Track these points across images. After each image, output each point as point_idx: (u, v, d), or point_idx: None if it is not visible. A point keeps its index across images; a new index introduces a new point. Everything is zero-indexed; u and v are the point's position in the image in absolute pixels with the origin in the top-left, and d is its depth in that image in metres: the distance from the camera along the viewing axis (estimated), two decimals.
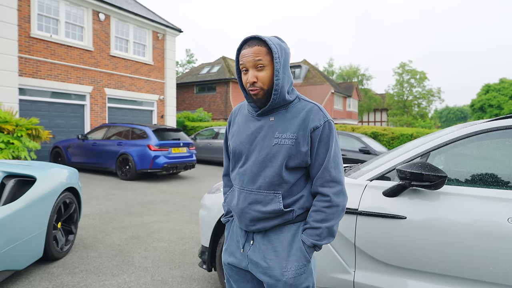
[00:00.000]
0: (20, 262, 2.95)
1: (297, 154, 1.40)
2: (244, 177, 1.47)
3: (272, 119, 1.45)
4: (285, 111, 1.46)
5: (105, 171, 10.23)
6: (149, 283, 3.12)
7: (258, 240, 1.47)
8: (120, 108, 14.52)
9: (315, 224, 1.40)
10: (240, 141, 1.50)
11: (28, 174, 3.30)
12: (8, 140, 8.05)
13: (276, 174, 1.40)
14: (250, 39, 1.42)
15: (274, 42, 1.40)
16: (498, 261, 1.91)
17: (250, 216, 1.44)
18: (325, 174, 1.42)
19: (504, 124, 2.15)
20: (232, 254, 1.55)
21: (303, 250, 1.42)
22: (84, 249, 3.95)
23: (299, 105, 1.47)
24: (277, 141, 1.41)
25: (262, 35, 1.41)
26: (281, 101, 1.43)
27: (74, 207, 3.90)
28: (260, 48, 1.39)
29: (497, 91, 38.24)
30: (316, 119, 1.42)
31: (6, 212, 2.76)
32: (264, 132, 1.45)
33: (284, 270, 1.39)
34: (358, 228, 2.25)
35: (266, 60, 1.39)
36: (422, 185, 2.04)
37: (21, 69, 10.91)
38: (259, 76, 1.40)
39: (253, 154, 1.45)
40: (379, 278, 2.21)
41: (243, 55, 1.42)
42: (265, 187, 1.42)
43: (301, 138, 1.40)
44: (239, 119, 1.58)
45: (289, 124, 1.43)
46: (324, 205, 1.41)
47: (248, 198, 1.44)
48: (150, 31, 15.49)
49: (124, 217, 5.46)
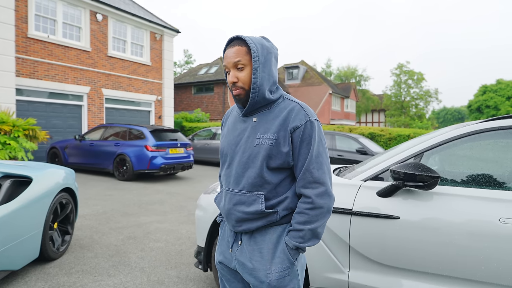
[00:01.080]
0: (16, 263, 2.95)
1: (277, 154, 1.38)
2: (229, 178, 1.48)
3: (254, 119, 1.45)
4: (268, 111, 1.45)
5: (102, 171, 10.22)
6: (145, 284, 3.13)
7: (245, 241, 1.47)
8: (118, 108, 14.50)
9: (298, 226, 1.38)
10: (227, 143, 1.51)
11: (24, 175, 3.30)
12: (5, 140, 8.04)
13: (257, 175, 1.39)
14: (233, 40, 1.42)
15: (254, 41, 1.38)
16: (490, 261, 1.93)
17: (235, 217, 1.45)
18: (307, 175, 1.39)
19: (497, 125, 2.17)
20: (222, 254, 1.56)
21: (287, 252, 1.40)
22: (81, 249, 3.95)
23: (282, 104, 1.45)
24: (259, 142, 1.40)
25: (243, 35, 1.40)
26: (261, 101, 1.42)
27: (71, 207, 3.91)
28: (240, 48, 1.38)
29: (494, 92, 38.39)
30: (297, 119, 1.39)
31: (2, 212, 2.76)
32: (247, 133, 1.44)
33: (268, 272, 1.38)
34: (352, 228, 2.26)
35: (245, 60, 1.38)
36: (415, 186, 2.06)
37: (18, 69, 10.89)
38: (239, 76, 1.39)
39: (237, 155, 1.45)
40: (373, 277, 2.23)
41: (225, 56, 1.42)
42: (248, 188, 1.42)
43: (282, 139, 1.38)
44: (229, 121, 1.59)
45: (270, 124, 1.41)
46: (307, 207, 1.38)
47: (233, 199, 1.45)
48: (148, 31, 15.48)
49: (121, 217, 5.46)
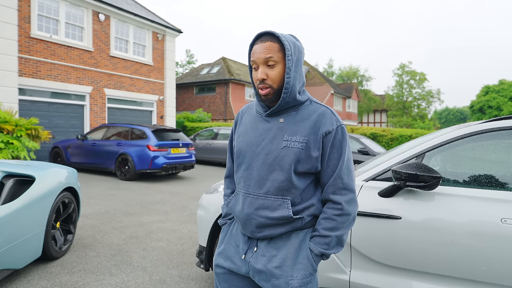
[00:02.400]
0: (19, 261, 2.96)
1: (306, 158, 1.33)
2: (250, 181, 1.38)
3: (281, 120, 1.37)
4: (295, 113, 1.38)
5: (104, 171, 10.24)
6: (147, 283, 3.13)
7: (263, 247, 1.38)
8: (120, 108, 14.54)
9: (325, 232, 1.33)
10: (247, 142, 1.41)
11: (27, 174, 3.31)
12: (7, 140, 8.07)
13: (285, 179, 1.32)
14: (263, 35, 1.34)
15: (287, 39, 1.33)
16: (491, 261, 1.93)
17: (257, 222, 1.35)
18: (338, 182, 1.34)
19: (500, 125, 2.17)
20: (229, 259, 1.45)
21: (310, 258, 1.34)
22: (83, 248, 3.97)
23: (311, 107, 1.39)
24: (286, 144, 1.33)
25: (275, 31, 1.33)
26: (291, 101, 1.35)
27: (73, 207, 3.92)
28: (272, 44, 1.31)
29: (497, 93, 38.30)
30: (329, 123, 1.34)
31: (5, 211, 2.77)
32: (272, 134, 1.36)
33: (290, 278, 1.31)
34: (354, 228, 2.26)
35: (277, 57, 1.31)
36: (417, 186, 2.06)
37: (21, 69, 10.92)
38: (269, 74, 1.32)
39: (260, 156, 1.37)
40: (375, 277, 2.23)
41: (254, 51, 1.34)
42: (273, 192, 1.34)
43: (312, 143, 1.33)
44: (246, 119, 1.50)
45: (299, 126, 1.35)
46: (336, 213, 1.34)
47: (255, 203, 1.36)
48: (150, 31, 15.51)
49: (123, 217, 5.48)
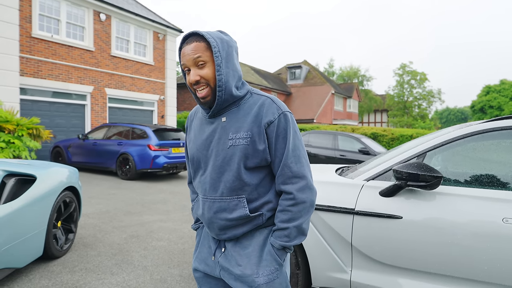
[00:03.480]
0: (20, 260, 2.97)
1: (254, 153, 1.30)
2: (205, 185, 1.37)
3: (224, 119, 1.34)
4: (236, 109, 1.34)
5: (106, 170, 10.25)
6: (148, 282, 3.14)
7: (230, 247, 1.38)
8: (121, 108, 14.55)
9: (282, 224, 1.30)
10: (197, 148, 1.40)
11: (28, 173, 3.32)
12: (9, 139, 8.08)
13: (235, 178, 1.30)
14: (188, 36, 1.31)
15: (213, 36, 1.29)
16: (493, 261, 1.93)
17: (218, 225, 1.35)
18: (286, 171, 1.31)
19: (501, 125, 2.16)
20: (204, 261, 1.45)
21: (273, 253, 1.32)
22: (84, 247, 3.97)
23: (251, 100, 1.35)
24: (232, 143, 1.30)
25: (200, 30, 1.29)
26: (229, 98, 1.31)
27: (74, 206, 3.92)
28: (199, 44, 1.28)
29: (498, 92, 38.24)
30: (270, 113, 1.30)
31: (7, 210, 2.78)
32: (218, 135, 1.34)
33: (256, 276, 1.30)
34: (355, 227, 2.26)
35: (206, 56, 1.27)
36: (418, 185, 2.06)
37: (22, 69, 10.94)
38: (202, 74, 1.28)
39: (211, 159, 1.35)
40: (376, 277, 2.23)
41: (183, 54, 1.30)
42: (227, 193, 1.32)
43: (256, 136, 1.29)
44: (195, 124, 1.47)
45: (241, 122, 1.31)
46: (289, 203, 1.30)
47: (213, 207, 1.35)
48: (151, 31, 15.51)
49: (124, 216, 5.48)
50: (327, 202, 2.37)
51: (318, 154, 10.95)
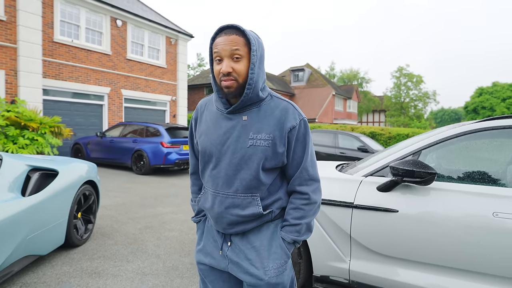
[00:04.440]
0: (44, 248, 3.01)
1: (273, 155, 1.26)
2: (218, 180, 1.30)
3: (245, 118, 1.27)
4: (257, 109, 1.28)
5: (122, 166, 10.31)
6: (161, 269, 3.16)
7: (237, 241, 1.34)
8: (136, 108, 14.61)
9: (295, 221, 1.30)
10: (211, 142, 1.31)
11: (51, 168, 3.35)
12: (33, 137, 8.17)
13: (253, 177, 1.26)
14: (227, 28, 1.22)
15: (252, 35, 1.23)
16: (483, 252, 1.92)
17: (228, 220, 1.30)
18: (304, 174, 1.31)
19: (492, 125, 2.15)
20: (209, 255, 1.40)
21: (283, 247, 1.31)
22: (102, 237, 4.01)
23: (272, 103, 1.30)
24: (252, 142, 1.25)
25: (240, 25, 1.22)
26: (254, 97, 1.26)
27: (93, 198, 3.96)
28: (238, 38, 1.20)
29: (490, 94, 37.77)
30: (292, 118, 1.27)
31: (31, 202, 2.81)
32: (237, 133, 1.27)
33: (266, 269, 1.28)
34: (354, 220, 2.27)
35: (243, 51, 1.20)
36: (413, 181, 2.05)
37: (45, 71, 11.03)
38: (235, 67, 1.20)
39: (226, 156, 1.28)
40: (373, 266, 2.23)
41: (218, 43, 1.21)
42: (242, 190, 1.27)
43: (278, 139, 1.26)
44: (207, 116, 1.38)
45: (263, 123, 1.26)
46: (303, 203, 1.31)
47: (225, 202, 1.29)
48: (164, 36, 15.54)
49: (139, 208, 5.52)
50: (328, 197, 2.38)
51: (319, 151, 10.92)
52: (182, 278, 3.00)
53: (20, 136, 8.07)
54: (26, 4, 9.79)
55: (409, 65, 43.31)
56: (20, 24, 9.71)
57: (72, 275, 2.97)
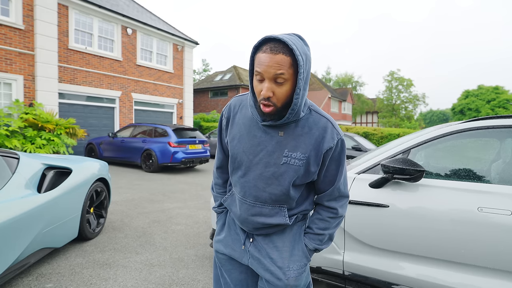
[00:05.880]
0: (59, 241, 3.01)
1: (305, 174, 1.17)
2: (246, 188, 1.21)
3: (281, 134, 1.14)
4: (294, 125, 1.14)
5: (132, 164, 10.32)
6: (168, 260, 3.16)
7: (260, 239, 1.28)
8: (145, 110, 14.61)
9: (319, 231, 1.25)
10: (243, 149, 1.19)
11: (65, 166, 3.35)
12: (49, 137, 8.18)
13: (283, 193, 1.17)
14: (272, 40, 1.01)
15: (300, 51, 1.01)
16: (469, 245, 1.91)
17: (253, 225, 1.24)
18: (335, 192, 1.24)
19: (477, 125, 2.13)
20: (230, 246, 1.33)
21: (305, 252, 1.27)
22: (113, 230, 4.01)
23: (311, 118, 1.16)
24: (286, 160, 1.14)
25: (287, 39, 0.99)
26: (293, 118, 1.11)
27: (105, 194, 3.95)
28: (285, 58, 1.00)
29: (476, 96, 37.64)
30: (330, 139, 1.14)
31: (47, 198, 2.81)
32: (271, 147, 1.15)
33: (287, 269, 1.22)
34: (347, 215, 2.25)
35: (288, 74, 1.01)
36: (403, 178, 2.04)
37: (60, 76, 11.04)
38: (276, 92, 1.03)
39: (257, 167, 1.17)
40: (365, 258, 2.22)
41: (261, 61, 1.01)
42: (271, 202, 1.20)
43: (312, 159, 1.15)
44: (240, 120, 1.23)
45: (299, 142, 1.13)
46: (330, 216, 1.25)
47: (252, 210, 1.22)
48: (171, 43, 15.53)
49: (147, 204, 5.52)
50: None
51: None
52: (187, 269, 2.99)
53: (38, 137, 8.09)
54: (43, 14, 9.80)
55: (400, 70, 43.31)
56: (37, 32, 9.72)
57: (84, 266, 2.96)
